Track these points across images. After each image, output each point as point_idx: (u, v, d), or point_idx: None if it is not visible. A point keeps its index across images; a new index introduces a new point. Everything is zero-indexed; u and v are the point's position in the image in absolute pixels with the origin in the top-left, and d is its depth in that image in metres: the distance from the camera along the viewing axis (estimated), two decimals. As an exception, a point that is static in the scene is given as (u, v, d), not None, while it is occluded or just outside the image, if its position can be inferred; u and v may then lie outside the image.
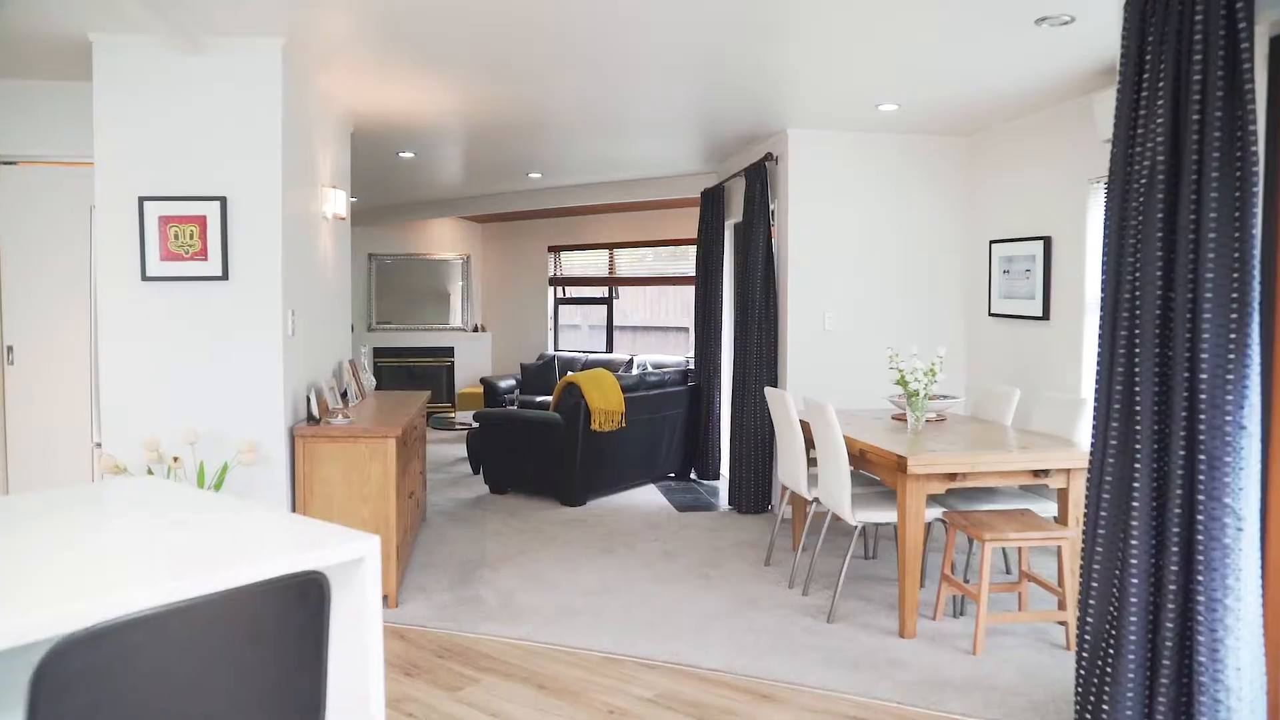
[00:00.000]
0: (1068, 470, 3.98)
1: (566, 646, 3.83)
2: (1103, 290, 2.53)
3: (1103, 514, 2.44)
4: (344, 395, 5.12)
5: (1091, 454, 2.52)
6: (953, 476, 3.87)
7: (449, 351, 11.30)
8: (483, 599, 4.44)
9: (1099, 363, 2.51)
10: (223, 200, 4.01)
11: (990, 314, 5.97)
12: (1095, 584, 2.45)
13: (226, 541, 1.59)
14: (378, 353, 11.19)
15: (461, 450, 8.76)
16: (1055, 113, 5.26)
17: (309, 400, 4.29)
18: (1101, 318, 2.52)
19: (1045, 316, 5.36)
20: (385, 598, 4.33)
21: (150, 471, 3.82)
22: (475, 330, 11.40)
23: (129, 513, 1.85)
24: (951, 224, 6.25)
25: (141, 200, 3.95)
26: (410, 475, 4.99)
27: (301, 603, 1.22)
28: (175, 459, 3.76)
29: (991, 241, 5.93)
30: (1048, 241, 5.35)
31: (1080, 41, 3.98)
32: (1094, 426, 2.53)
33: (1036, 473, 3.95)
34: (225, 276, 4.04)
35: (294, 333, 4.29)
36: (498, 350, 11.49)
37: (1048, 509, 4.24)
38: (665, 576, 4.80)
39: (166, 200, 3.97)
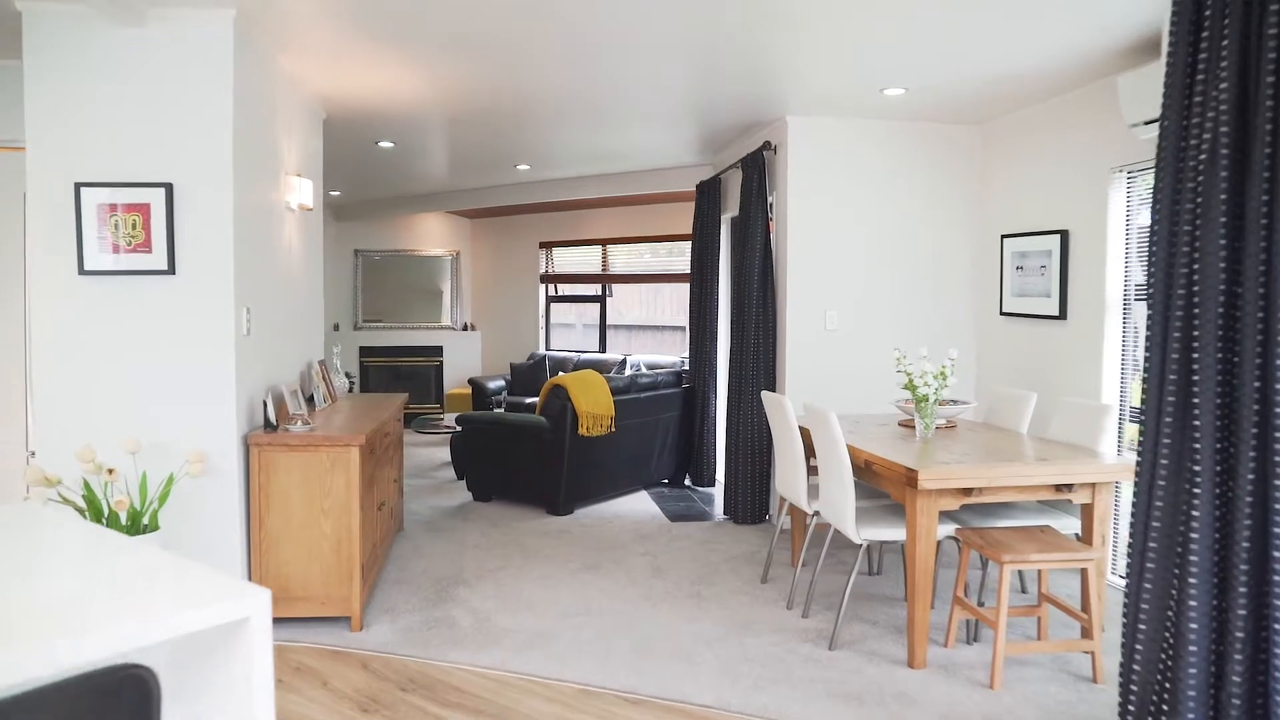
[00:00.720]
0: (1093, 485, 3.64)
1: (543, 677, 3.49)
2: (1150, 286, 2.18)
3: (1151, 545, 2.10)
4: (310, 400, 4.77)
5: (1137, 477, 2.17)
6: (967, 491, 3.52)
7: (438, 351, 10.95)
8: (455, 621, 4.09)
9: (1147, 370, 2.16)
10: (168, 187, 3.66)
11: (1002, 313, 5.62)
12: (1143, 626, 2.11)
13: (40, 608, 1.21)
14: (364, 352, 10.85)
15: (447, 454, 8.42)
16: (1074, 97, 4.91)
17: (265, 405, 3.94)
18: (1149, 318, 2.17)
19: (1062, 316, 5.01)
20: (348, 620, 3.98)
21: (86, 484, 3.47)
22: (465, 329, 11.05)
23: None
24: (961, 217, 5.90)
25: (78, 187, 3.60)
26: (381, 484, 4.65)
27: (110, 711, 0.88)
28: (110, 471, 3.41)
29: (1003, 236, 5.59)
30: (1065, 235, 5.00)
31: (1107, 13, 3.63)
32: (1141, 444, 2.18)
33: (1059, 487, 3.61)
34: (171, 270, 3.69)
35: (249, 332, 3.94)
36: (488, 349, 11.14)
37: (1069, 525, 3.90)
38: (654, 595, 4.45)
39: (106, 187, 3.62)
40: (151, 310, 3.70)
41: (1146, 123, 4.06)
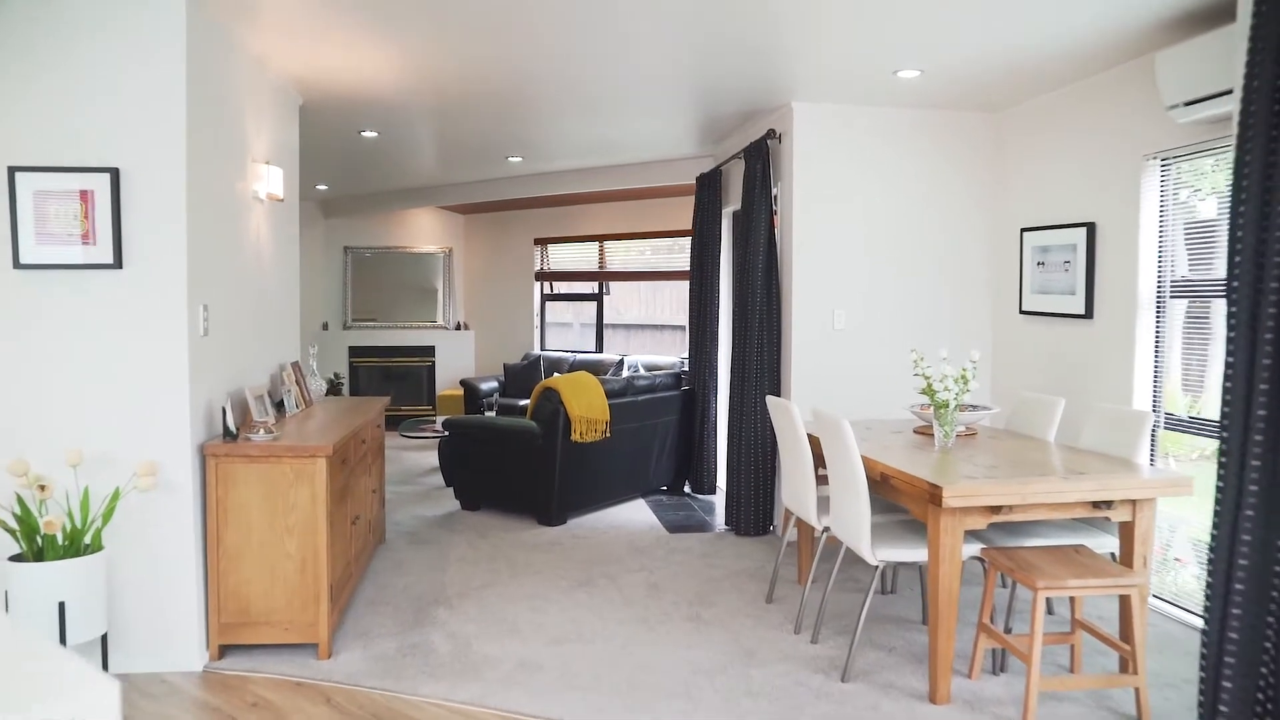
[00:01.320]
0: (1133, 501, 3.29)
1: (526, 715, 3.14)
2: (1233, 278, 1.84)
3: (1238, 589, 1.76)
4: (280, 405, 4.43)
5: (1217, 506, 1.83)
6: (996, 509, 3.18)
7: (430, 351, 10.60)
8: (433, 647, 3.75)
9: (1228, 378, 1.82)
10: (114, 172, 3.32)
11: (1021, 311, 5.28)
12: (1228, 685, 1.77)
13: None
14: (354, 352, 10.50)
15: (436, 458, 8.07)
16: (1102, 80, 4.57)
17: (224, 412, 3.60)
18: (1232, 315, 1.84)
19: (1088, 314, 4.67)
20: (315, 647, 3.64)
21: (20, 501, 3.13)
22: (458, 328, 10.71)
23: None
24: (976, 211, 5.55)
25: (12, 171, 3.27)
26: (356, 496, 4.31)
27: None
28: (42, 487, 3.07)
29: (1023, 229, 5.24)
30: (1091, 228, 4.66)
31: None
32: (1221, 466, 1.84)
33: (1096, 504, 3.26)
34: (118, 264, 3.35)
35: (207, 332, 3.60)
36: (481, 349, 10.79)
37: (1103, 543, 3.56)
38: (650, 617, 4.11)
39: (44, 171, 3.29)
40: (96, 308, 3.36)
41: (1188, 104, 3.72)
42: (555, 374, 8.88)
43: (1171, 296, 4.22)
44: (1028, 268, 5.20)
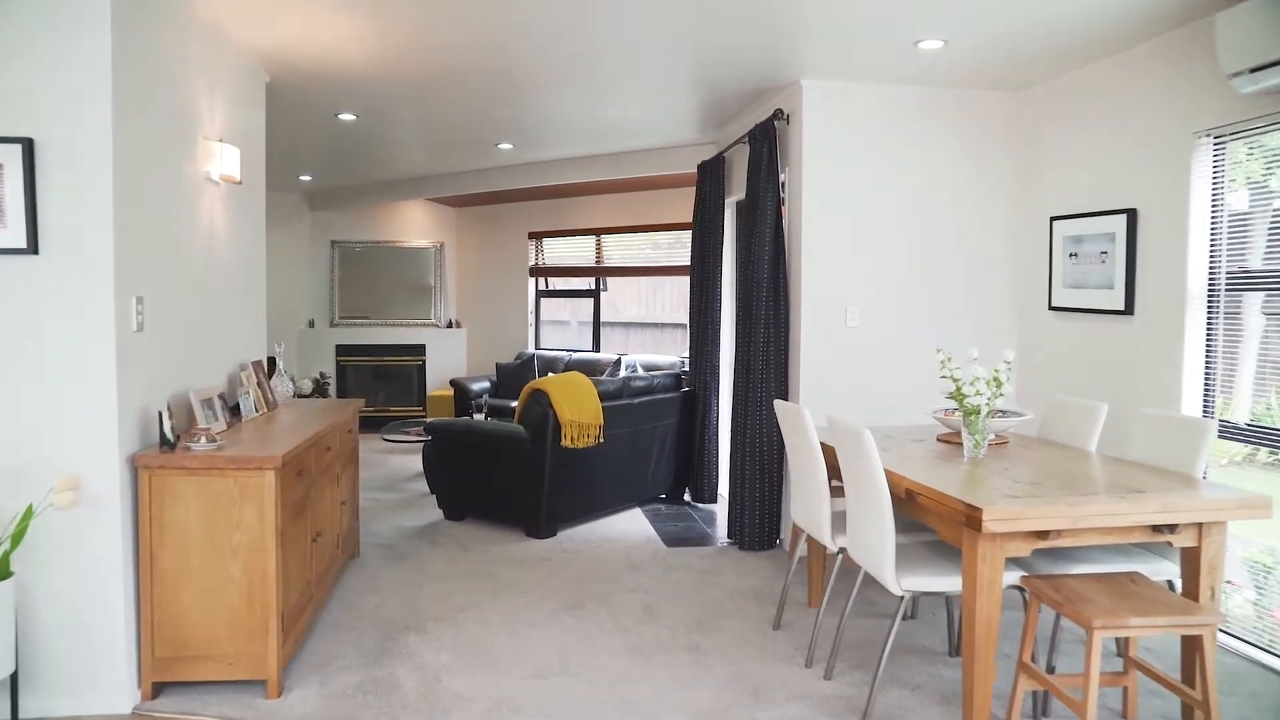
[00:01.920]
0: (1198, 524, 2.86)
1: (496, 771, 2.72)
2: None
3: None
4: (235, 409, 4.00)
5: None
6: (1043, 534, 2.74)
7: (420, 349, 10.17)
8: (398, 683, 3.32)
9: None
10: (27, 143, 2.90)
11: (1051, 307, 4.84)
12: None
13: None
14: (341, 350, 10.08)
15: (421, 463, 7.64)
16: (1146, 50, 4.12)
17: (161, 418, 3.17)
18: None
19: (1128, 310, 4.23)
20: (264, 684, 3.21)
21: (-85, 521, 2.71)
22: (450, 326, 10.28)
23: None
24: (1001, 197, 5.11)
25: (-91, 142, 2.85)
26: (319, 511, 3.89)
27: None
28: (-69, 508, 2.65)
29: (1053, 218, 4.80)
30: (1132, 215, 4.22)
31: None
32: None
33: (1156, 528, 2.83)
34: (33, 249, 2.93)
35: (142, 326, 3.18)
36: (474, 348, 10.36)
37: (1159, 569, 3.12)
38: (644, 646, 3.68)
39: (-53, 142, 2.87)
40: (7, 298, 2.93)
41: (1254, 70, 3.29)
42: (549, 374, 8.46)
43: (1228, 289, 3.79)
44: (1058, 259, 4.77)
